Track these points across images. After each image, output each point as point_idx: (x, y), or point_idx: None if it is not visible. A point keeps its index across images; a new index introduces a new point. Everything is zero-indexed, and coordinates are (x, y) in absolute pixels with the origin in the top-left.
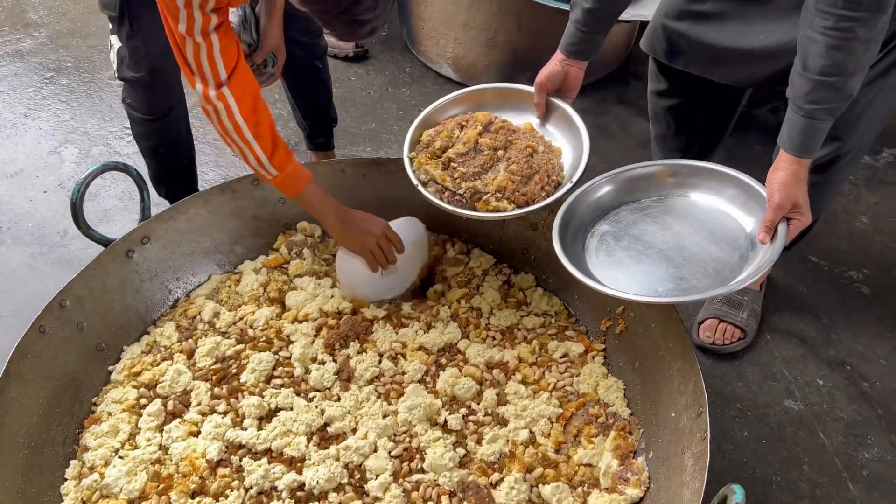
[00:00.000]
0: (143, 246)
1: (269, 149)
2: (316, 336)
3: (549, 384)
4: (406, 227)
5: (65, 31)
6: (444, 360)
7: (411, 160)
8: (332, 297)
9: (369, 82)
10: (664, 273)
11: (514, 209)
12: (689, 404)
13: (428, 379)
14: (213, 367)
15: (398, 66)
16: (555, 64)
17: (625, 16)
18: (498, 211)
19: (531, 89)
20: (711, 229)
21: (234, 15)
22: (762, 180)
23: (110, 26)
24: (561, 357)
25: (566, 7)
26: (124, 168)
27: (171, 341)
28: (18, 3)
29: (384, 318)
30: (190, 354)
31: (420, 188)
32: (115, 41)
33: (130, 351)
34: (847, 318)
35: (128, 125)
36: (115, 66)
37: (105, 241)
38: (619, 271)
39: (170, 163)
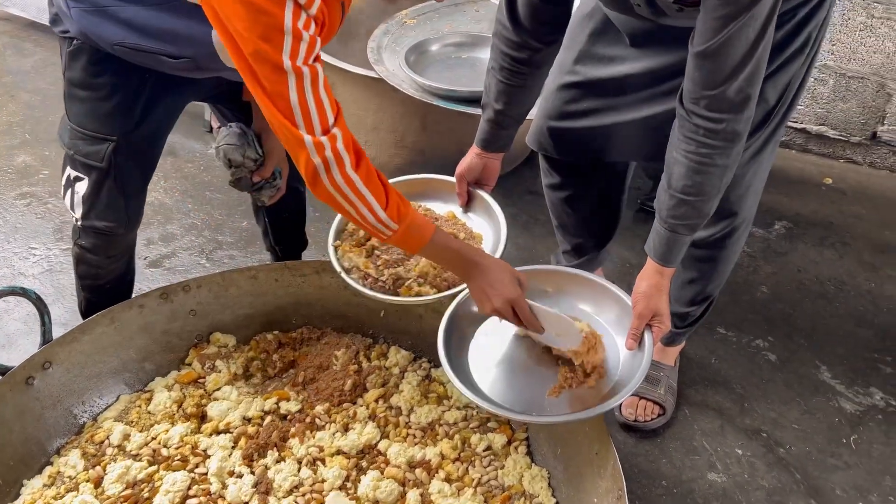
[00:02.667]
0: (44, 371)
1: (383, 199)
2: (234, 447)
3: (473, 479)
4: (555, 321)
5: None
6: (364, 464)
7: (336, 248)
8: (255, 399)
9: None
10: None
11: (436, 293)
12: (609, 488)
13: (349, 484)
14: (122, 493)
15: None
16: (472, 157)
17: (531, 114)
18: (420, 296)
19: (453, 179)
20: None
21: (231, 136)
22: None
23: (72, 172)
24: (484, 450)
25: (467, 109)
26: (22, 292)
27: (76, 470)
28: None
29: (300, 420)
30: (97, 483)
31: (343, 275)
32: (82, 188)
33: (31, 485)
34: (758, 386)
35: (33, 244)
36: (77, 212)
37: (2, 370)
38: (503, 384)
39: (111, 297)
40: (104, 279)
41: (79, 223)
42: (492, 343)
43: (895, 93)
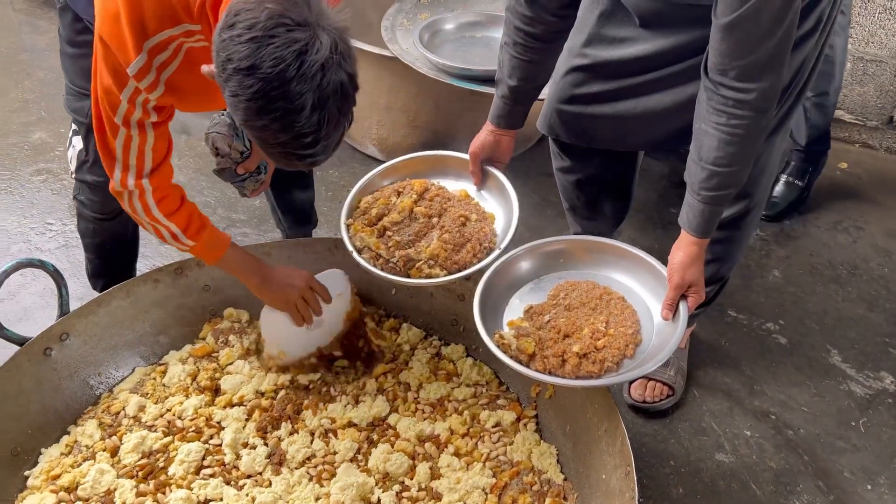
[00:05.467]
0: (61, 342)
1: (182, 223)
2: (248, 419)
3: (482, 454)
4: (328, 279)
5: None
6: (374, 437)
7: (348, 227)
8: (267, 375)
9: None
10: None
11: (446, 275)
12: (617, 464)
13: (360, 457)
14: (138, 462)
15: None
16: (486, 134)
17: (543, 93)
18: (430, 278)
19: (467, 157)
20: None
21: (221, 125)
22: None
23: (73, 127)
24: (493, 426)
25: (481, 88)
26: (40, 265)
27: (93, 440)
28: None
29: (312, 391)
30: (114, 452)
31: (355, 255)
32: (78, 143)
33: (49, 453)
34: (768, 368)
35: (50, 220)
36: (72, 165)
37: (20, 341)
38: None
39: (113, 259)
40: (102, 237)
41: (73, 177)
42: (525, 306)
43: None
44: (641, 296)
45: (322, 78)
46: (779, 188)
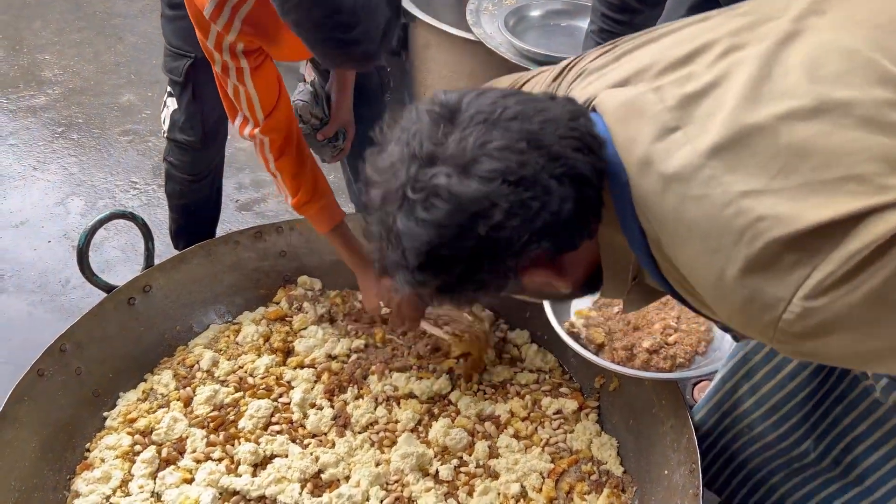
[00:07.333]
0: (144, 294)
1: (293, 188)
2: (317, 382)
3: (541, 439)
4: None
5: (77, 89)
6: (436, 411)
7: None
8: (340, 340)
9: None
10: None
11: None
12: (681, 461)
13: (420, 428)
14: (210, 414)
15: None
16: None
17: None
18: None
19: None
20: None
21: (304, 93)
22: None
23: (168, 88)
24: (554, 413)
25: None
26: (131, 217)
27: (168, 389)
28: (34, 62)
29: (383, 360)
30: (187, 402)
31: None
32: (172, 103)
33: (126, 398)
34: None
35: (134, 178)
36: (165, 125)
37: (108, 288)
38: None
39: (196, 221)
40: (189, 199)
41: (164, 135)
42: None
43: None
44: None
45: None
46: None
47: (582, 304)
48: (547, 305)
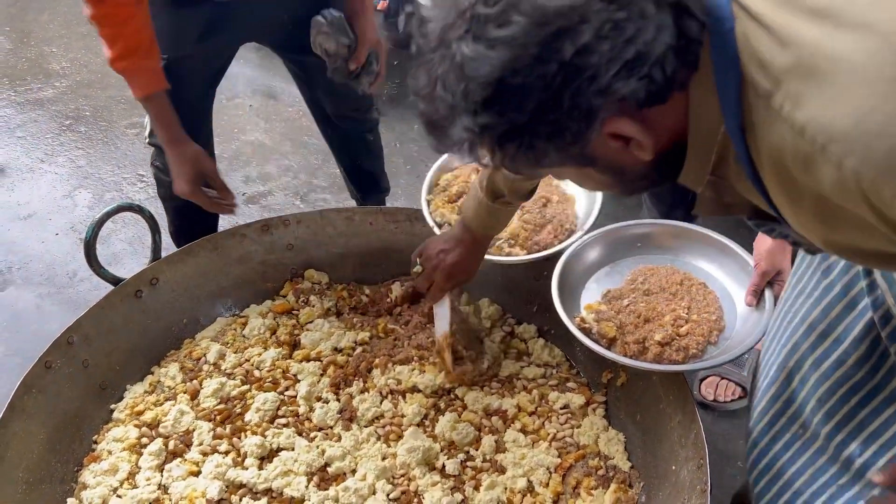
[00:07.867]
0: (152, 287)
1: (111, 41)
2: (322, 375)
3: (548, 434)
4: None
5: (85, 82)
6: (442, 405)
7: (428, 202)
8: (346, 333)
9: None
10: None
11: (526, 255)
12: (689, 457)
13: (427, 422)
14: (216, 407)
15: (407, 123)
16: None
17: None
18: (510, 256)
19: None
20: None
21: (325, 26)
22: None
23: None
24: (561, 408)
25: None
26: (139, 209)
27: (174, 382)
28: (41, 54)
29: (385, 353)
30: (194, 395)
31: (436, 230)
32: None
33: (133, 390)
34: None
35: (141, 171)
36: (146, 131)
37: (115, 281)
38: None
39: (195, 221)
40: (181, 201)
41: (146, 141)
42: (602, 289)
43: None
44: (723, 283)
45: None
46: None
47: (591, 299)
48: (556, 300)
